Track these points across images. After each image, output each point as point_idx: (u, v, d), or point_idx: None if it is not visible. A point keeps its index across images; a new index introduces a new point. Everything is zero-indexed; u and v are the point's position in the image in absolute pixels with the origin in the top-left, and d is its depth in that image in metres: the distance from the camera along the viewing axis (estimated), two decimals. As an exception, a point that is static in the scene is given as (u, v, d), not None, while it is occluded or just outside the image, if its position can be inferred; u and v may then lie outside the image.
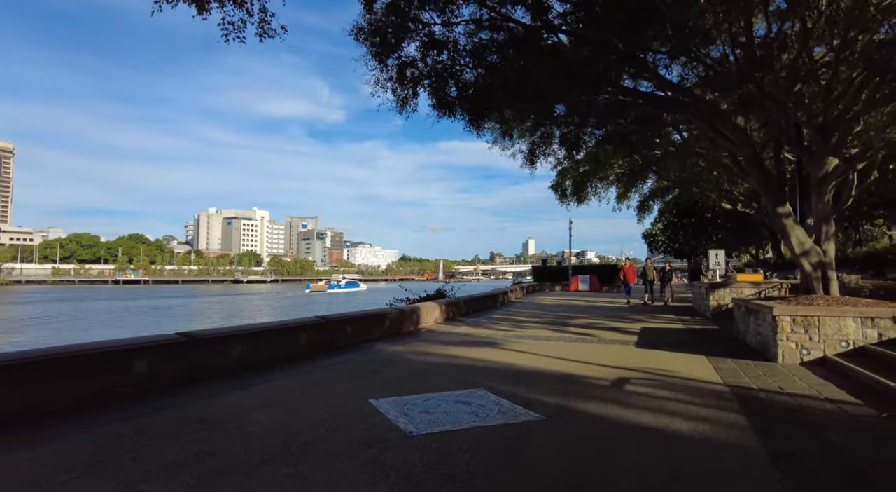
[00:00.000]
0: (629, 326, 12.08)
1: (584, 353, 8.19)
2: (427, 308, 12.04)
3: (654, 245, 46.03)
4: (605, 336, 10.26)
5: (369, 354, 7.96)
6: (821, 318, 6.89)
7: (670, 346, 8.88)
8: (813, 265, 8.14)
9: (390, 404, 4.85)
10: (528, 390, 5.50)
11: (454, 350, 8.36)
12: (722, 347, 8.64)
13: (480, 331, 11.04)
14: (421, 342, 9.25)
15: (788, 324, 7.02)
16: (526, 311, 16.37)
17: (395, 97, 10.24)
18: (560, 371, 6.58)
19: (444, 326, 11.80)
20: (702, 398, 5.13)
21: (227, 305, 53.75)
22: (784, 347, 7.03)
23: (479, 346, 8.89)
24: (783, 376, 6.18)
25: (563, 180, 21.30)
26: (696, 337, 10.15)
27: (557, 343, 9.36)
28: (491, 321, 12.99)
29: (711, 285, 14.03)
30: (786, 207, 8.34)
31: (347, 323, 8.86)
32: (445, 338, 9.91)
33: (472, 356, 7.74)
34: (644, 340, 9.69)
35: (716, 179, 19.68)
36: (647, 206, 24.75)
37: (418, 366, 6.94)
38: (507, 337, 10.07)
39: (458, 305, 13.98)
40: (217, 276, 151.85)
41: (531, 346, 8.93)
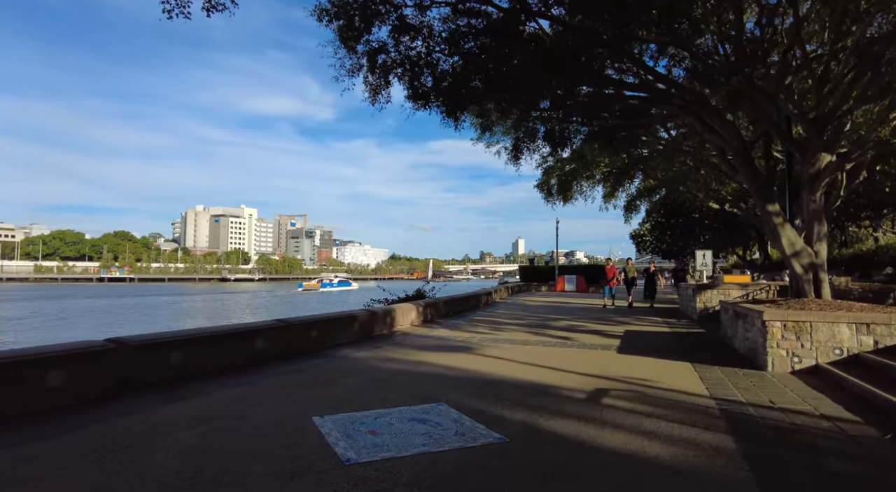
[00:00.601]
0: (613, 329, 11.60)
1: (562, 359, 7.67)
2: (402, 310, 11.46)
3: (641, 246, 45.81)
4: (586, 340, 9.76)
5: (332, 360, 7.38)
6: (813, 324, 6.43)
7: (654, 351, 8.39)
8: (804, 267, 7.69)
9: (335, 423, 4.28)
10: (495, 404, 4.95)
11: (424, 356, 7.80)
12: (708, 353, 8.17)
13: (457, 334, 10.50)
14: (391, 347, 8.68)
15: (779, 330, 6.55)
16: (508, 312, 15.86)
17: (367, 86, 9.67)
18: (534, 381, 6.05)
19: (420, 329, 11.24)
20: (685, 414, 4.61)
21: (211, 305, 52.73)
22: (774, 355, 6.56)
23: (452, 351, 8.34)
24: (774, 388, 5.70)
25: (549, 179, 20.84)
26: (681, 342, 9.69)
27: (535, 348, 8.84)
28: (470, 323, 12.46)
29: (698, 287, 13.61)
30: (775, 206, 7.89)
31: (311, 327, 8.26)
32: (418, 342, 9.35)
33: (442, 363, 7.19)
34: (627, 344, 9.20)
35: (703, 178, 19.34)
36: (635, 206, 24.38)
37: (381, 375, 6.37)
38: (483, 341, 9.54)
39: (437, 306, 13.42)
40: (204, 274, 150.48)
41: (507, 351, 8.40)
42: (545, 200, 21.23)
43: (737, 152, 8.09)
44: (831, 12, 8.41)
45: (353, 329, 9.30)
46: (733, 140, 8.07)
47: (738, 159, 8.13)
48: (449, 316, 13.99)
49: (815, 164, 7.55)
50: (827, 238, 8.00)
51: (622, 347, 8.86)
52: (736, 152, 8.11)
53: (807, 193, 7.77)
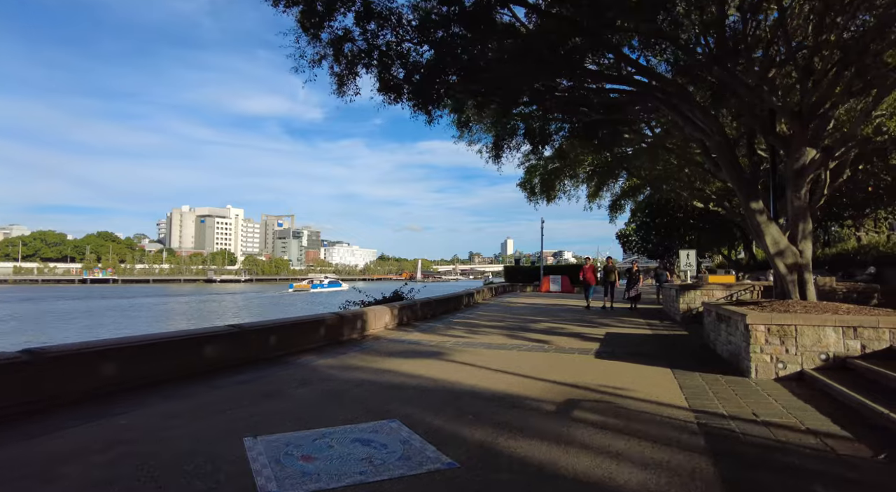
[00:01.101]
0: (593, 331, 11.21)
1: (536, 365, 7.24)
2: (376, 313, 10.96)
3: (627, 246, 45.71)
4: (564, 344, 9.35)
5: (289, 369, 6.87)
6: (798, 327, 6.06)
7: (633, 355, 8.00)
8: (788, 267, 7.34)
9: (267, 446, 3.78)
10: (454, 420, 4.49)
11: (390, 363, 7.32)
12: (690, 358, 7.79)
13: (431, 338, 10.03)
14: (358, 353, 8.19)
15: (763, 334, 6.17)
16: (488, 314, 15.42)
17: (333, 77, 9.16)
18: (502, 391, 5.60)
19: (393, 333, 10.75)
20: (661, 430, 4.19)
21: (194, 307, 51.71)
22: (758, 361, 6.18)
23: (421, 357, 7.87)
24: (757, 397, 5.30)
25: (532, 178, 20.45)
26: (662, 345, 9.31)
27: (511, 352, 8.40)
28: (447, 326, 11.99)
29: (681, 287, 13.28)
30: (759, 203, 7.54)
31: (270, 333, 7.73)
32: (389, 347, 8.87)
33: (408, 371, 6.71)
34: (606, 348, 8.80)
35: (687, 177, 19.08)
36: (619, 205, 24.13)
37: (338, 385, 5.88)
38: (456, 345, 9.08)
39: (413, 308, 12.94)
40: (189, 275, 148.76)
41: (480, 356, 7.95)
42: (528, 200, 20.86)
43: (719, 147, 7.73)
44: (815, 3, 8.11)
45: (318, 334, 8.79)
46: (716, 135, 7.71)
47: (720, 155, 7.77)
48: (427, 318, 13.52)
49: (800, 159, 7.20)
50: (812, 237, 7.68)
51: (601, 352, 8.46)
52: (719, 147, 7.74)
53: (791, 190, 7.42)
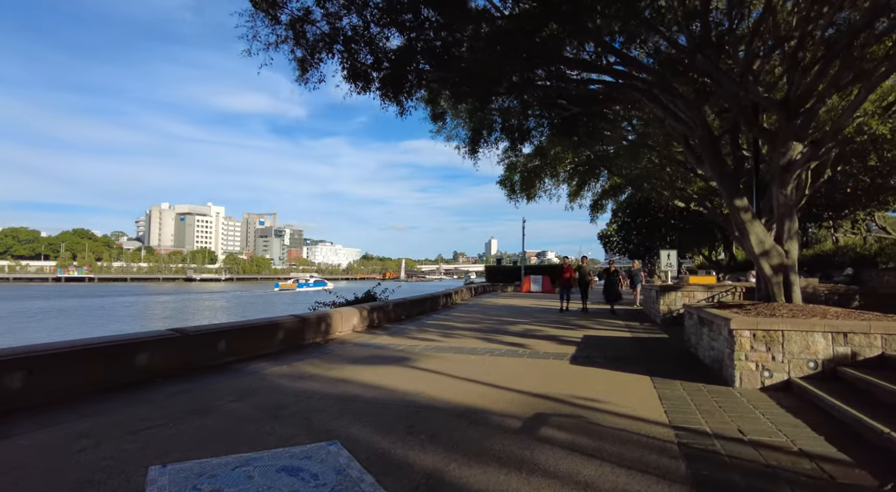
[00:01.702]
0: (570, 334, 10.75)
1: (508, 372, 6.72)
2: (343, 315, 10.36)
3: (609, 246, 45.60)
4: (539, 347, 8.86)
5: (234, 378, 6.24)
6: (785, 333, 5.63)
7: (611, 361, 7.53)
8: (774, 268, 6.94)
9: (175, 477, 3.19)
10: (404, 441, 3.94)
11: (349, 371, 6.73)
12: (670, 364, 7.35)
13: (400, 341, 9.46)
14: (316, 359, 7.59)
15: (748, 340, 5.73)
16: (465, 315, 14.90)
17: (295, 62, 8.54)
18: (465, 404, 5.06)
19: (361, 336, 10.16)
20: (637, 452, 3.69)
21: (171, 306, 50.34)
22: (742, 369, 5.74)
23: (384, 363, 7.30)
24: (743, 410, 4.85)
25: (512, 175, 19.98)
26: (642, 349, 8.87)
27: (482, 358, 7.87)
28: (419, 328, 11.43)
29: (662, 288, 12.91)
30: (743, 200, 7.13)
31: (218, 337, 7.09)
32: (352, 352, 8.28)
33: (366, 381, 6.14)
34: (582, 352, 8.33)
35: (668, 176, 18.79)
36: (600, 205, 23.77)
37: (281, 398, 5.28)
38: (426, 350, 8.53)
39: (385, 309, 12.35)
40: (169, 274, 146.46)
41: (448, 363, 7.41)
42: (508, 198, 20.38)
43: (702, 140, 7.30)
44: None
45: (276, 339, 8.16)
46: (698, 128, 7.28)
47: (703, 148, 7.34)
48: (399, 320, 12.95)
49: (786, 154, 6.80)
50: (798, 236, 7.28)
51: (577, 356, 7.98)
52: (701, 140, 7.32)
53: (776, 187, 7.02)
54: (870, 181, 18.81)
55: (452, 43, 9.23)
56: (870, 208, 21.17)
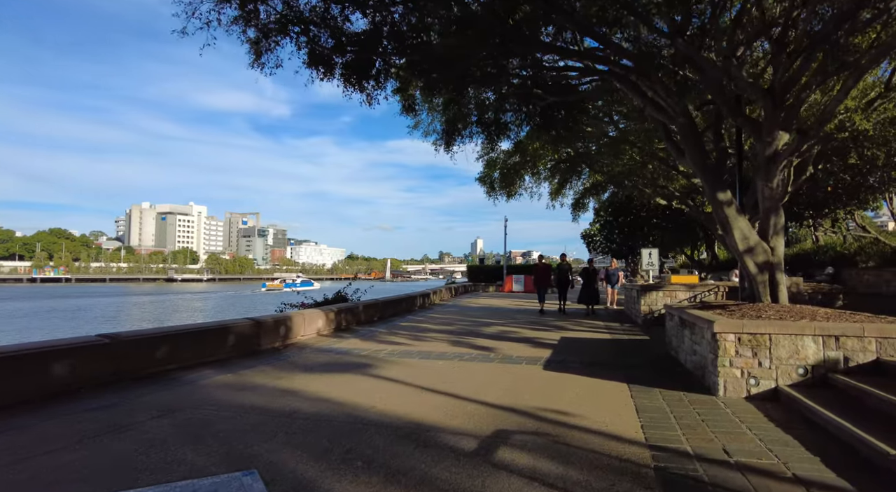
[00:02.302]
0: (547, 336, 10.25)
1: (474, 379, 6.17)
2: (306, 317, 9.72)
3: (592, 246, 45.42)
4: (512, 351, 8.33)
5: (165, 390, 5.59)
6: (773, 336, 5.15)
7: (587, 366, 7.02)
8: (759, 266, 6.49)
9: (34, 525, 2.57)
10: (336, 468, 3.36)
11: (300, 381, 6.12)
12: (650, 369, 6.87)
13: (366, 345, 8.86)
14: (268, 367, 6.95)
15: (733, 345, 5.25)
16: (440, 316, 14.33)
17: (249, 44, 7.89)
18: (418, 419, 4.49)
19: (325, 340, 9.53)
20: (607, 480, 3.15)
21: (151, 308, 48.97)
22: (727, 376, 5.25)
23: (341, 371, 6.70)
24: (727, 424, 4.35)
25: (491, 172, 19.46)
26: (620, 352, 8.39)
27: (450, 363, 7.32)
28: (390, 331, 10.83)
29: (643, 288, 12.48)
30: (727, 194, 6.67)
31: (157, 343, 6.42)
32: (310, 358, 7.66)
33: (314, 392, 5.54)
34: (557, 357, 7.81)
35: (650, 173, 18.45)
36: (582, 204, 23.39)
37: (210, 415, 4.65)
38: (391, 355, 7.94)
39: (354, 311, 11.72)
40: (149, 274, 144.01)
41: (412, 369, 6.83)
42: (487, 195, 19.85)
43: (683, 130, 6.84)
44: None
45: (226, 344, 7.50)
46: (679, 116, 6.82)
47: (684, 139, 6.88)
48: (370, 322, 12.33)
49: (772, 144, 6.36)
50: (784, 233, 6.86)
51: (551, 361, 7.46)
52: (682, 130, 6.85)
53: (761, 179, 6.57)
54: (850, 179, 18.69)
55: (421, 27, 8.66)
56: (850, 207, 21.04)
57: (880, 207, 21.81)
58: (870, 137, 15.70)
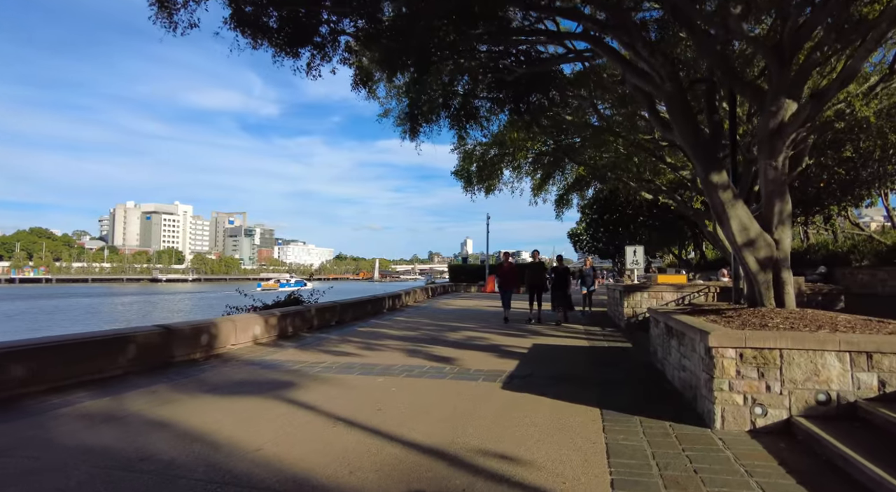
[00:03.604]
0: (518, 343, 9.06)
1: (410, 405, 4.94)
2: (236, 323, 8.43)
3: (578, 245, 44.47)
4: (473, 363, 7.11)
5: (5, 423, 4.29)
6: (785, 352, 3.97)
7: (555, 383, 5.82)
8: (761, 262, 5.33)
9: None
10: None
11: (192, 407, 4.85)
12: (630, 388, 5.69)
13: (303, 357, 7.60)
14: (164, 386, 5.67)
15: (733, 362, 4.06)
16: (407, 320, 13.08)
17: None
18: (302, 475, 3.25)
19: (258, 349, 8.25)
20: None
21: (128, 307, 47.13)
22: (725, 403, 4.07)
23: (253, 393, 5.43)
24: (728, 476, 3.15)
25: (468, 166, 18.24)
26: (598, 363, 7.21)
27: (393, 381, 6.08)
28: (342, 338, 9.56)
29: (626, 289, 11.33)
30: (722, 175, 5.51)
31: (10, 360, 5.10)
32: (226, 374, 6.38)
33: (196, 426, 4.27)
34: (523, 370, 6.61)
35: (636, 166, 17.35)
36: (566, 200, 22.21)
37: (17, 465, 3.37)
38: (327, 370, 6.69)
39: (304, 315, 10.42)
40: (133, 274, 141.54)
41: (340, 391, 5.59)
42: (464, 190, 18.64)
43: (670, 98, 5.67)
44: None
45: (123, 358, 6.18)
46: (666, 82, 5.65)
47: (672, 108, 5.71)
48: (326, 327, 11.05)
49: (777, 113, 5.21)
50: (791, 222, 5.69)
51: (514, 376, 6.25)
52: (669, 99, 5.68)
53: (764, 157, 5.42)
54: (845, 173, 17.70)
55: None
56: (844, 203, 20.08)
57: (875, 203, 20.85)
58: (865, 129, 14.75)
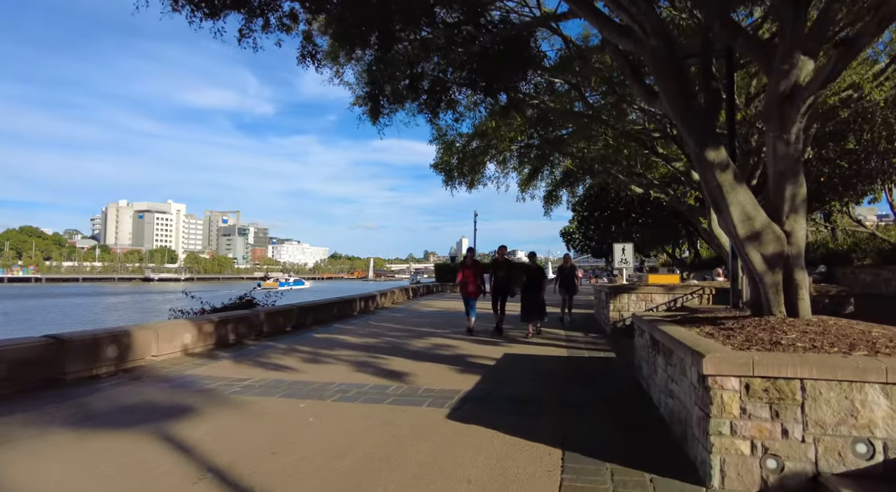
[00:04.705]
0: (487, 352, 7.96)
1: (319, 445, 3.82)
2: (158, 332, 7.27)
3: (571, 244, 43.44)
4: (427, 379, 6.01)
5: None
6: (808, 384, 2.87)
7: (515, 408, 4.72)
8: (769, 260, 4.24)
9: None
10: None
11: (19, 454, 3.72)
12: (605, 414, 4.58)
13: (228, 372, 6.46)
14: (14, 419, 4.53)
15: (736, 396, 2.96)
16: (375, 325, 11.95)
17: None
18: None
19: (184, 361, 7.12)
20: None
21: (97, 308, 45.74)
22: (725, 452, 2.96)
23: (132, 426, 4.30)
24: None
25: (448, 158, 17.09)
26: (572, 380, 6.10)
27: (320, 404, 4.96)
28: (290, 347, 8.41)
29: (612, 290, 10.23)
30: (720, 152, 4.40)
31: None
32: (116, 398, 5.24)
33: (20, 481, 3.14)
34: (481, 389, 5.50)
35: (626, 159, 16.26)
36: (555, 196, 21.07)
37: None
38: (246, 390, 5.56)
39: (251, 321, 9.27)
40: (125, 273, 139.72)
41: (242, 422, 4.47)
42: (445, 184, 17.50)
43: (656, 58, 4.54)
44: None
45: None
46: (650, 37, 4.55)
47: (658, 69, 4.57)
48: (278, 333, 9.90)
49: (790, 73, 4.12)
50: (807, 211, 4.56)
51: (468, 399, 5.14)
52: (655, 58, 4.56)
53: (773, 130, 4.33)
54: (847, 166, 16.65)
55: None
56: (846, 198, 19.04)
57: (878, 198, 19.85)
58: (869, 119, 13.78)
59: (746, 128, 12.90)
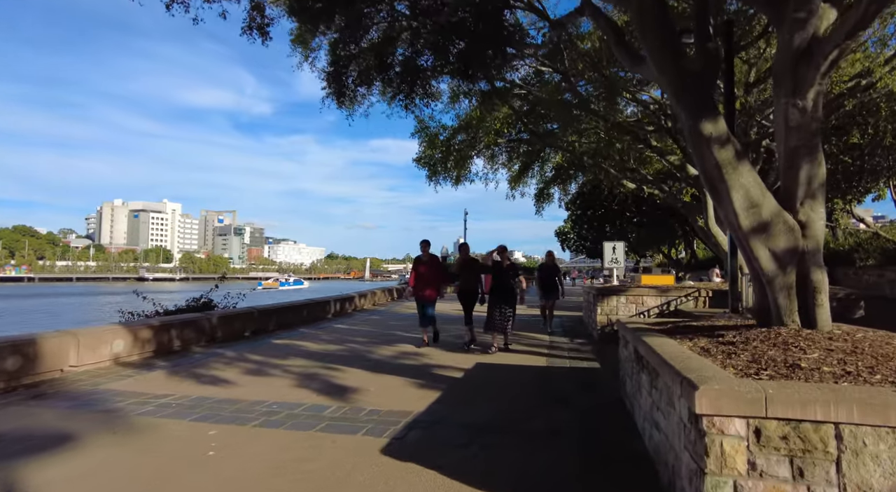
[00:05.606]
0: (458, 361, 7.11)
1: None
2: (79, 339, 6.39)
3: (566, 244, 42.57)
4: (376, 397, 5.14)
5: None
6: (844, 429, 2.01)
7: (468, 439, 3.85)
8: (780, 256, 3.39)
9: None
10: None
11: None
12: (577, 448, 3.71)
13: (155, 386, 5.59)
14: None
15: (741, 445, 2.10)
16: (344, 329, 11.08)
17: None
18: None
19: (111, 371, 6.24)
20: None
21: (72, 308, 44.69)
22: (725, 525, 2.09)
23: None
24: None
25: (431, 152, 16.18)
26: (547, 397, 5.23)
27: (234, 430, 4.09)
28: (238, 355, 7.52)
29: (600, 291, 9.37)
30: (718, 123, 3.54)
31: None
32: (-6, 419, 4.36)
33: None
34: (433, 413, 4.62)
35: (618, 153, 15.41)
36: (547, 194, 20.20)
37: None
38: (161, 408, 4.69)
39: (199, 326, 8.38)
40: (119, 273, 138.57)
41: (134, 453, 3.60)
42: (428, 180, 16.58)
43: (642, 12, 3.66)
44: None
45: None
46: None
47: (644, 25, 3.70)
48: (235, 338, 9.02)
49: (808, 23, 3.27)
50: (825, 197, 3.68)
51: (415, 424, 4.26)
52: (640, 12, 3.68)
53: (785, 95, 3.47)
54: (851, 162, 15.88)
55: None
56: (850, 196, 18.22)
57: (882, 196, 19.06)
58: (874, 113, 13.02)
59: (745, 119, 12.09)
